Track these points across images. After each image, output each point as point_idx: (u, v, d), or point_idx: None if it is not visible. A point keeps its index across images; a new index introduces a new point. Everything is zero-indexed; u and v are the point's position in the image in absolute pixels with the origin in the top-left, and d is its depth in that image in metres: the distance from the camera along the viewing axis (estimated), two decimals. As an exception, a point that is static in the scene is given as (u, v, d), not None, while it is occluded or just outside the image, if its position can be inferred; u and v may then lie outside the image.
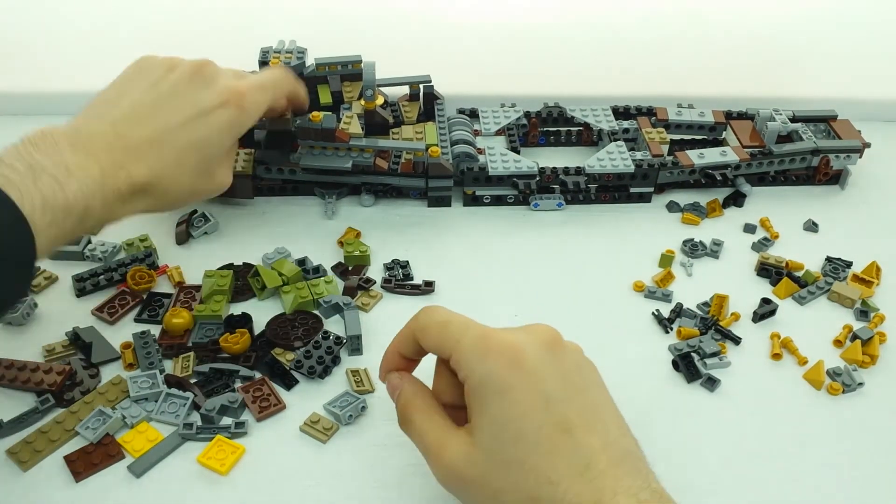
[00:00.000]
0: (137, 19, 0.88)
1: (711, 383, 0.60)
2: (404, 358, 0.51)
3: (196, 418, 0.57)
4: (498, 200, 0.78)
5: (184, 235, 0.72)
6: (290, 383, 0.60)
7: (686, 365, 0.62)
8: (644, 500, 0.41)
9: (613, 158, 0.78)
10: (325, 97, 0.81)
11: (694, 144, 0.85)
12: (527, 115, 0.86)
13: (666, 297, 0.68)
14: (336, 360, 0.61)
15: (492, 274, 0.70)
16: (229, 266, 0.69)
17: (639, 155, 0.79)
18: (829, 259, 0.72)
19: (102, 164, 0.52)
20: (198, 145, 0.58)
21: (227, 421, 0.57)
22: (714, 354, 0.62)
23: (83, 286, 0.66)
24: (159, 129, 0.57)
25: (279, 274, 0.66)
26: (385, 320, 0.65)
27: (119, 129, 0.55)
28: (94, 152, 0.53)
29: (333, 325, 0.64)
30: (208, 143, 0.59)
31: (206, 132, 0.59)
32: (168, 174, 0.57)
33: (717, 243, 0.73)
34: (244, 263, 0.70)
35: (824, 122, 0.84)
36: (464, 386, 0.45)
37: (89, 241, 0.71)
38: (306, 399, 0.59)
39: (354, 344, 0.62)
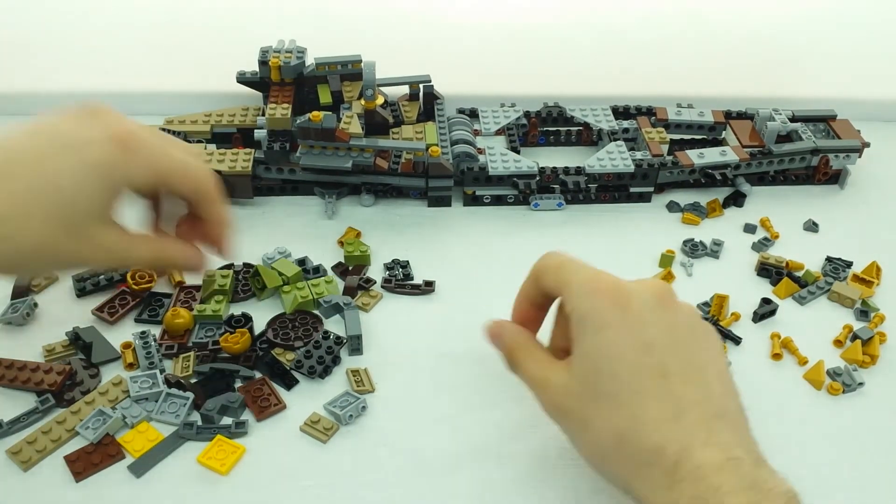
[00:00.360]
0: (138, 19, 0.88)
1: (711, 383, 0.60)
2: (532, 305, 0.52)
3: (196, 418, 0.57)
4: (498, 200, 0.78)
5: (184, 235, 0.72)
6: (290, 383, 0.60)
7: (686, 365, 0.61)
8: (736, 457, 0.40)
9: (613, 158, 0.77)
10: (325, 97, 0.81)
11: (694, 144, 0.85)
12: (526, 114, 0.86)
13: (666, 297, 0.68)
14: (336, 360, 0.61)
15: (492, 274, 0.70)
16: (229, 266, 0.69)
17: (639, 155, 0.79)
18: (829, 259, 0.72)
19: None
20: (53, 183, 0.45)
21: (227, 421, 0.57)
22: (714, 354, 0.62)
23: (83, 286, 0.66)
24: (11, 160, 0.46)
25: (279, 274, 0.66)
26: (385, 320, 0.65)
27: None
28: None
29: (333, 325, 0.64)
30: (67, 180, 0.46)
31: (68, 166, 0.46)
32: (15, 214, 0.45)
33: (717, 243, 0.73)
34: (244, 263, 0.70)
35: (824, 121, 0.84)
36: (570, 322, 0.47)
37: (89, 241, 0.71)
38: (306, 399, 0.59)
39: (354, 344, 0.62)
